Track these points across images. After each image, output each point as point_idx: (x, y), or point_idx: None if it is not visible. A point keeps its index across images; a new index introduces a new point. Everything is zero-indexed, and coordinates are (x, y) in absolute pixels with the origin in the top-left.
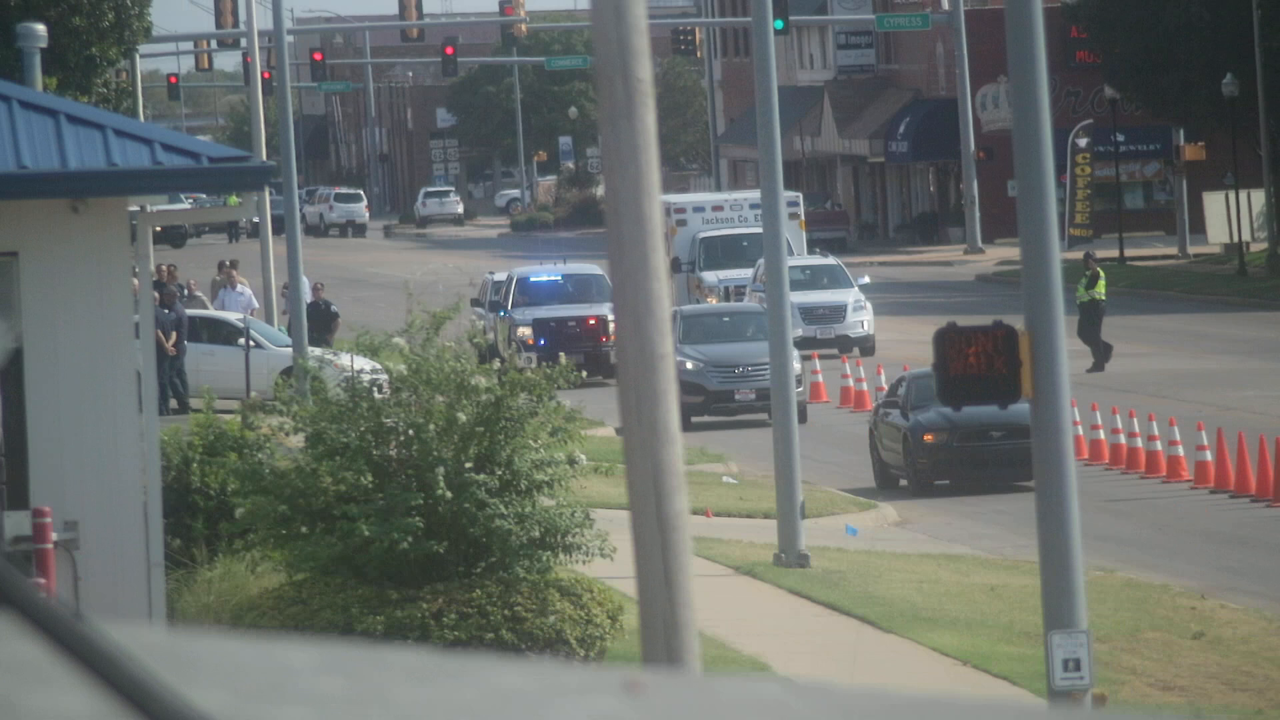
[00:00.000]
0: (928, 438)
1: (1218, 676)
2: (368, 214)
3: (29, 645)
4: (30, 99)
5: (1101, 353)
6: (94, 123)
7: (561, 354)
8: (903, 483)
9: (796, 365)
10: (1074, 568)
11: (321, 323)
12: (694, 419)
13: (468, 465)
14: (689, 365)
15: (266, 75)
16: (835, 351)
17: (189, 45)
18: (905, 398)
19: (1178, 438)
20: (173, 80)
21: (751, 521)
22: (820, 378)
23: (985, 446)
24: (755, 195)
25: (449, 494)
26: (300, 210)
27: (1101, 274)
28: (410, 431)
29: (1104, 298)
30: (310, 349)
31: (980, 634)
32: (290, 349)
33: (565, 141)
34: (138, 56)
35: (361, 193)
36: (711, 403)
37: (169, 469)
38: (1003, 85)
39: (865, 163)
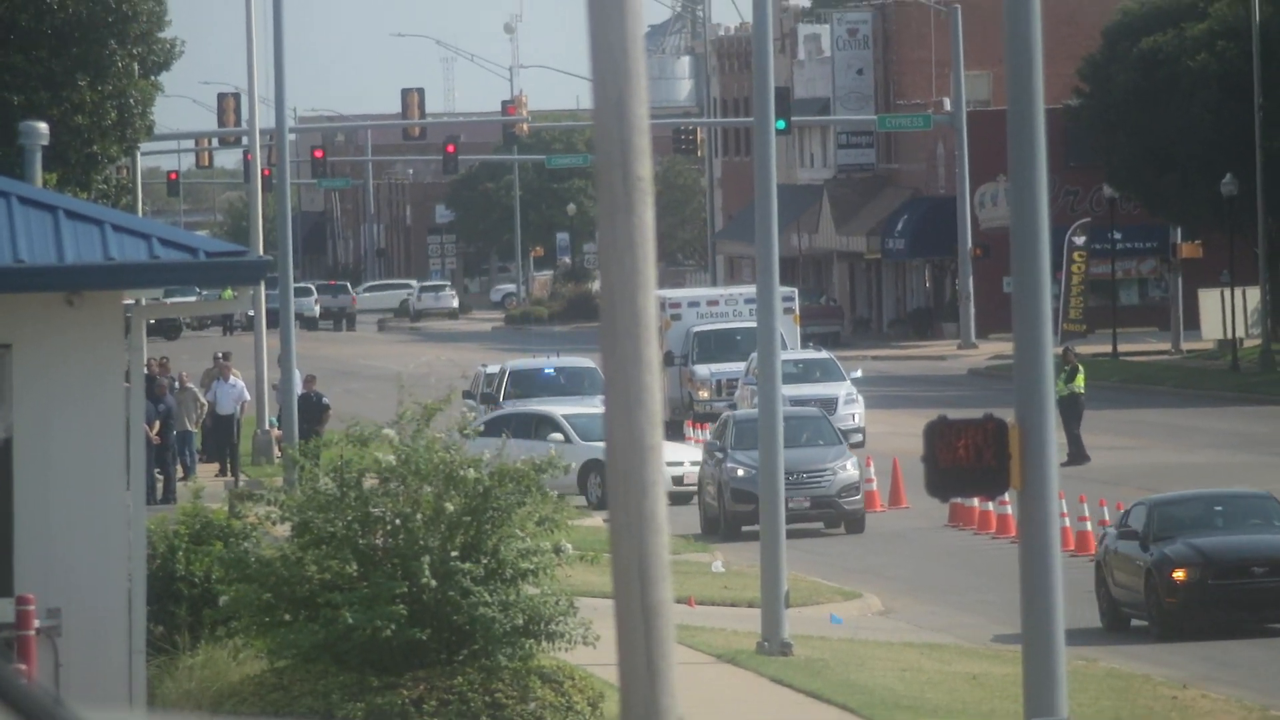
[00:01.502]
0: (1177, 575)
1: None
2: (317, 308)
3: None
4: (29, 195)
5: (1077, 447)
6: (92, 218)
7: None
8: (1137, 623)
9: (854, 471)
10: (1057, 657)
11: (312, 414)
12: (744, 528)
13: (453, 554)
14: (740, 472)
15: (266, 173)
16: None
17: (190, 143)
18: (1146, 529)
19: None
20: (173, 177)
21: (735, 610)
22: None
23: (1246, 585)
24: (750, 290)
25: (434, 582)
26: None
27: (1081, 368)
28: (397, 521)
29: (1083, 391)
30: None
31: None
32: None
33: (563, 237)
34: (138, 154)
35: (312, 287)
36: None
37: (154, 557)
38: (1002, 184)
39: (862, 259)
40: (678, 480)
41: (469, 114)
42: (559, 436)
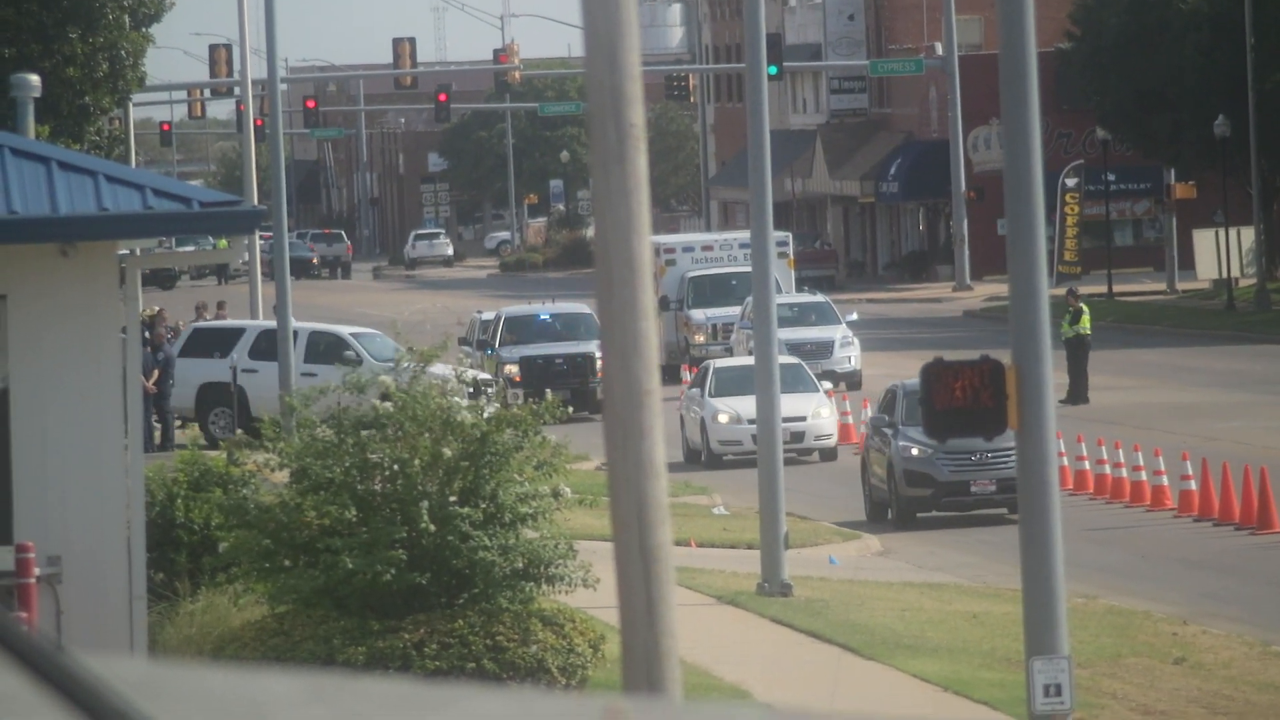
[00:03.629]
0: None
1: (1198, 700)
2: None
3: (11, 678)
4: (22, 146)
5: (1081, 387)
6: (85, 169)
7: (548, 390)
8: None
9: (828, 413)
10: (1056, 595)
11: None
12: (920, 515)
13: (452, 499)
14: (914, 451)
15: (259, 123)
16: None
17: (182, 94)
18: None
19: (1162, 467)
20: (165, 127)
21: (735, 552)
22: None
23: None
24: (745, 235)
25: (432, 527)
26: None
27: (1085, 309)
28: (395, 466)
29: (1089, 333)
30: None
31: (961, 660)
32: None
33: (556, 185)
34: (131, 105)
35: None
36: (942, 495)
37: (153, 504)
38: (995, 127)
39: (856, 203)
40: (798, 436)
41: (461, 63)
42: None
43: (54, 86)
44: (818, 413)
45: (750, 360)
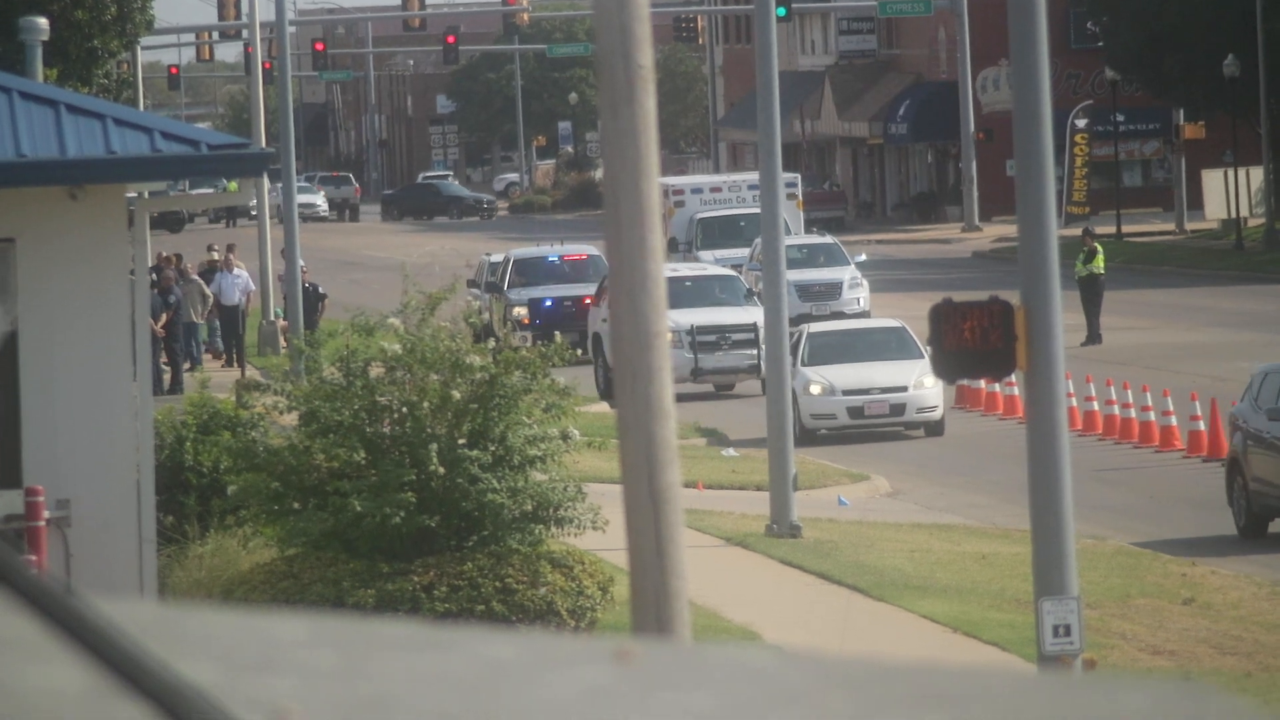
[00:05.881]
0: None
1: (1207, 641)
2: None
3: (21, 621)
4: (30, 90)
5: (1094, 327)
6: (94, 112)
7: (557, 333)
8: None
9: (933, 382)
10: (1065, 536)
11: (308, 304)
12: (1274, 526)
13: (461, 441)
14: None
15: (268, 65)
16: None
17: (190, 36)
18: None
19: (1171, 408)
20: (173, 71)
21: (744, 494)
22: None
23: None
24: (754, 177)
25: (441, 469)
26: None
27: (1100, 249)
28: (404, 409)
29: (1103, 272)
30: None
31: (971, 601)
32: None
33: (565, 126)
34: (139, 48)
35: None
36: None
37: (162, 447)
38: (1004, 68)
39: (864, 145)
40: (897, 409)
41: (469, 4)
42: None
43: (62, 30)
44: (920, 382)
45: (848, 325)
